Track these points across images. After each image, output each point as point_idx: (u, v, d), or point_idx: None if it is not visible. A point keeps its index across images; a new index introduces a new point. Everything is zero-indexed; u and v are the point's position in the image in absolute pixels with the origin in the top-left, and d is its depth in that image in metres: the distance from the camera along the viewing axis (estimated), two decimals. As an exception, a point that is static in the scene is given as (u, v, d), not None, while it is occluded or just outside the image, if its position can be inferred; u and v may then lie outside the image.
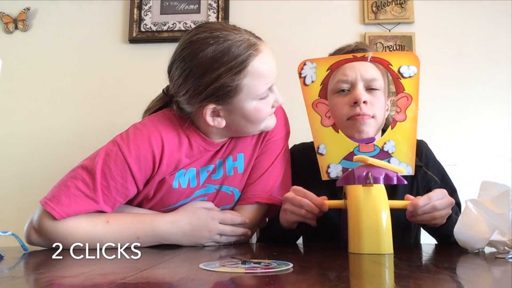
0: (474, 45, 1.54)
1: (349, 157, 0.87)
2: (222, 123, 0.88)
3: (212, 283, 0.48)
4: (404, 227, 1.00)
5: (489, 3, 1.55)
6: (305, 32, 1.58)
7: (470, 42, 1.54)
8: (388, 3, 1.58)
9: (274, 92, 0.90)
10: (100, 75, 1.62)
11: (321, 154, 0.89)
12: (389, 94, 1.04)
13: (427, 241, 1.14)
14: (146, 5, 1.63)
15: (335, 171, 0.89)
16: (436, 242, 0.96)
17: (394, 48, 1.55)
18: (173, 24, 1.61)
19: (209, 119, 0.87)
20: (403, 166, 0.85)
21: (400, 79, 0.86)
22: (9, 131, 1.61)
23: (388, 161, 0.85)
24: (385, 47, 1.55)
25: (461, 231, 0.74)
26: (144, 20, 1.62)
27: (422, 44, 1.54)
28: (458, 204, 1.00)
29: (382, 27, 1.57)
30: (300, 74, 0.89)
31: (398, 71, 0.86)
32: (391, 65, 0.87)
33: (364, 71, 0.95)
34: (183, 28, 1.60)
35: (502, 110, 1.49)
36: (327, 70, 0.88)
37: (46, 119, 1.60)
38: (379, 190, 0.73)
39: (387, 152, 0.86)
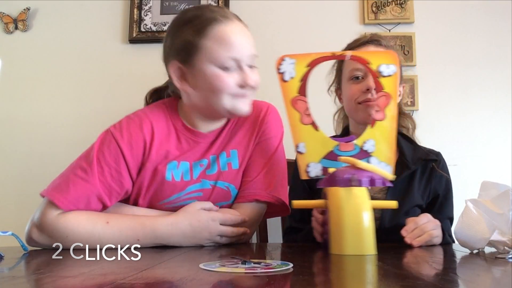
0: (474, 45, 1.54)
1: (329, 156, 0.85)
2: (189, 89, 0.91)
3: (212, 283, 0.48)
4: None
5: (489, 3, 1.55)
6: (305, 32, 1.58)
7: (470, 42, 1.54)
8: (388, 3, 1.58)
9: (244, 72, 0.89)
10: (100, 75, 1.62)
11: (301, 153, 0.87)
12: (401, 81, 1.05)
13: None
14: (146, 5, 1.63)
15: (315, 170, 0.86)
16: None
17: (394, 49, 1.55)
18: (173, 24, 1.61)
19: (176, 81, 0.91)
20: (382, 165, 0.84)
21: (379, 78, 0.85)
22: (9, 131, 1.61)
23: (367, 161, 0.84)
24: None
25: (461, 231, 0.74)
26: (144, 20, 1.62)
27: (422, 44, 1.54)
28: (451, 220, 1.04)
29: (382, 27, 1.57)
30: (278, 69, 0.87)
31: (377, 70, 0.85)
32: (370, 63, 0.86)
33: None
34: (183, 28, 1.60)
35: (503, 110, 1.50)
36: (306, 67, 0.86)
37: (46, 119, 1.60)
38: (361, 190, 0.71)
39: (366, 151, 0.85)
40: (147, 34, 1.61)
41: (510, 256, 0.67)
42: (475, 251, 0.75)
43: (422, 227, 0.84)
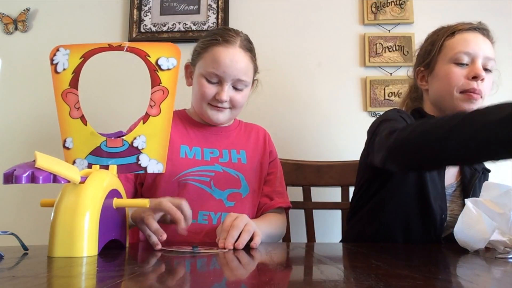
0: (473, 45, 1.54)
1: (96, 152, 0.82)
2: (189, 83, 1.15)
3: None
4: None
5: (489, 4, 1.55)
6: (305, 33, 1.58)
7: (470, 43, 1.54)
8: (388, 4, 1.58)
9: (222, 87, 1.05)
10: (100, 76, 1.62)
11: (67, 148, 0.83)
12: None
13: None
14: (146, 5, 1.63)
15: (81, 167, 0.81)
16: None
17: (394, 49, 1.55)
18: (172, 25, 1.61)
19: (187, 78, 1.15)
20: (153, 163, 0.81)
21: (158, 71, 0.82)
22: (9, 132, 1.61)
23: (137, 158, 0.81)
24: (385, 47, 1.55)
25: (461, 231, 0.74)
26: (144, 20, 1.62)
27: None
28: None
29: (381, 27, 1.57)
30: (52, 60, 0.82)
31: (156, 63, 0.83)
32: (149, 56, 0.83)
33: (486, 48, 0.99)
34: (182, 29, 1.60)
35: (502, 110, 1.49)
36: (80, 58, 0.83)
37: (46, 120, 1.60)
38: (90, 187, 0.66)
39: (136, 148, 0.82)
40: (146, 35, 1.61)
41: (510, 256, 0.67)
42: (475, 251, 0.75)
43: None
